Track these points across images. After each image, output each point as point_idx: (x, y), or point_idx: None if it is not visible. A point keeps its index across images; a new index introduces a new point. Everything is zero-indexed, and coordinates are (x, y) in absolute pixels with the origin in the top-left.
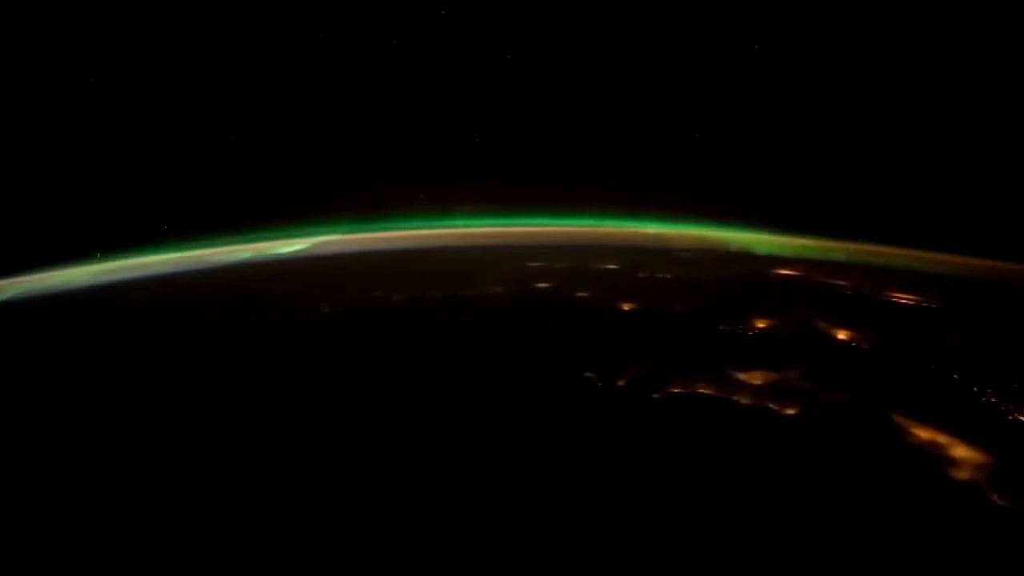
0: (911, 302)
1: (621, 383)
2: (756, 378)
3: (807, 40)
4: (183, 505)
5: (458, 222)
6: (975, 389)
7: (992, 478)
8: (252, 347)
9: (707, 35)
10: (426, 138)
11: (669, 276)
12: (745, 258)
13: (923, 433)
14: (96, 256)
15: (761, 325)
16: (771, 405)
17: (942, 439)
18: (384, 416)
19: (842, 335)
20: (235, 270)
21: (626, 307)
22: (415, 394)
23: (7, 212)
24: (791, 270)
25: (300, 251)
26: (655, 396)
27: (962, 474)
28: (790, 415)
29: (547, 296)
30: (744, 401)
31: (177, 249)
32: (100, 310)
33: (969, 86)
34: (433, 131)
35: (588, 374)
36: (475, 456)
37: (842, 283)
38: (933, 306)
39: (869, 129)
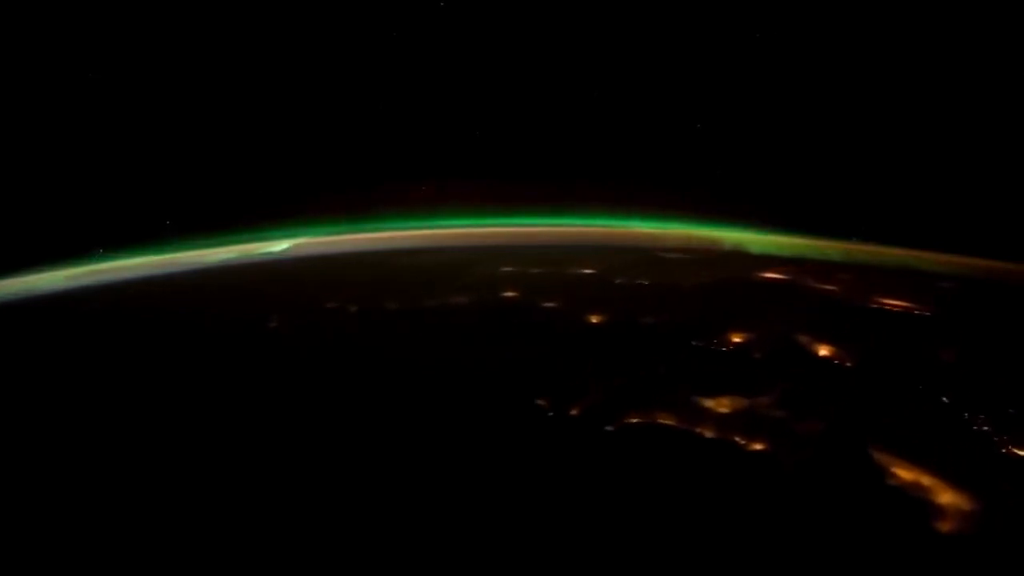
0: (903, 309)
1: (574, 412)
2: (724, 405)
3: (806, 37)
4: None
5: (442, 222)
6: (966, 415)
7: (981, 530)
8: (189, 367)
9: (703, 31)
10: (410, 137)
11: (647, 282)
12: (734, 259)
13: (905, 473)
14: (99, 251)
15: (737, 340)
16: (737, 438)
17: (926, 480)
18: (306, 450)
19: (824, 351)
20: (206, 274)
21: (594, 319)
22: (341, 424)
23: None
24: (779, 273)
25: (278, 253)
26: (608, 428)
27: (947, 525)
28: (757, 451)
29: (512, 307)
30: (708, 434)
31: (162, 250)
32: (70, 315)
33: (968, 86)
34: (417, 130)
35: (539, 401)
36: (399, 503)
37: (831, 288)
38: (926, 313)
39: (867, 128)
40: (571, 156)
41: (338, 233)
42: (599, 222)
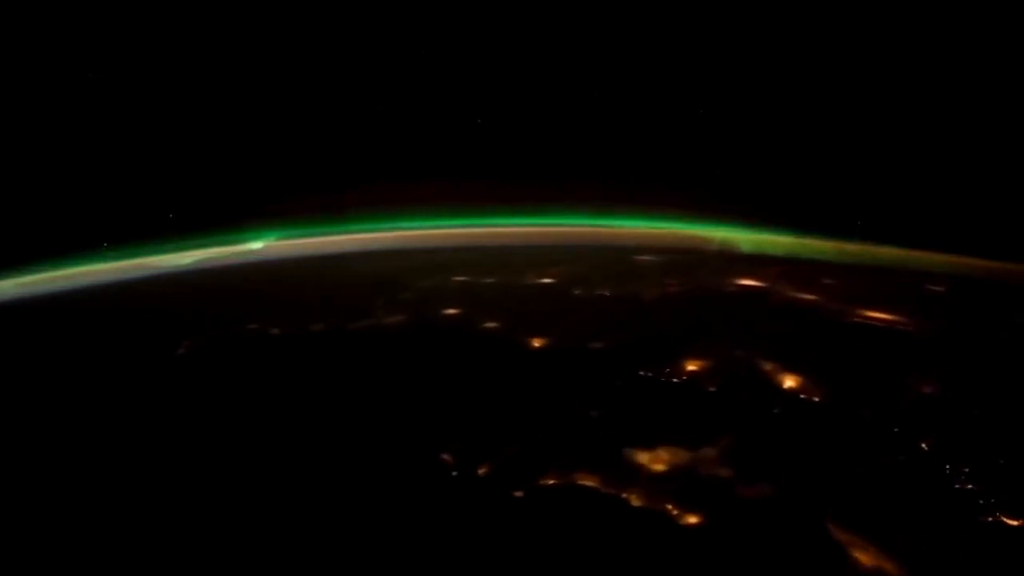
0: (886, 323)
1: (481, 471)
2: (660, 461)
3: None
4: None
5: (420, 221)
6: (947, 468)
7: None
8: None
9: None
10: (388, 134)
11: (608, 293)
12: (712, 262)
13: (866, 558)
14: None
15: (692, 368)
16: (669, 507)
17: (890, 568)
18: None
19: (790, 382)
20: (145, 284)
21: (536, 344)
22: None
23: None
24: (757, 279)
25: (245, 254)
26: (516, 494)
27: None
28: (689, 526)
29: (448, 329)
30: (635, 501)
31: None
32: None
33: (964, 78)
34: (396, 127)
35: (444, 456)
36: None
37: (812, 297)
38: (909, 330)
39: (864, 122)
40: (552, 152)
41: (314, 233)
42: (581, 221)
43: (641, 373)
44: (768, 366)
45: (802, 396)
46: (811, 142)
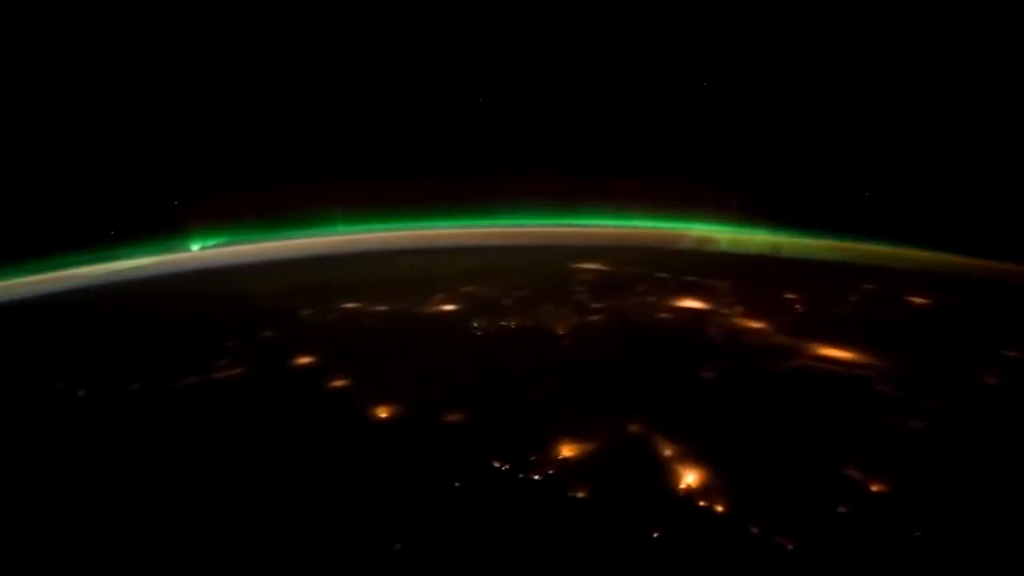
0: (844, 367)
1: None
2: None
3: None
4: None
5: (345, 227)
6: None
7: None
8: None
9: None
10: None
11: (513, 325)
12: (658, 271)
13: None
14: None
15: (567, 454)
16: None
17: None
18: None
19: (691, 477)
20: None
21: (381, 414)
22: None
23: None
24: (700, 300)
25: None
26: None
27: None
28: None
29: (286, 390)
30: None
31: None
32: None
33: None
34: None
35: None
36: None
37: (760, 326)
38: (870, 375)
39: (852, 117)
40: (516, 147)
41: (245, 239)
42: (536, 221)
43: (496, 464)
44: (669, 450)
45: (702, 504)
46: (799, 136)
